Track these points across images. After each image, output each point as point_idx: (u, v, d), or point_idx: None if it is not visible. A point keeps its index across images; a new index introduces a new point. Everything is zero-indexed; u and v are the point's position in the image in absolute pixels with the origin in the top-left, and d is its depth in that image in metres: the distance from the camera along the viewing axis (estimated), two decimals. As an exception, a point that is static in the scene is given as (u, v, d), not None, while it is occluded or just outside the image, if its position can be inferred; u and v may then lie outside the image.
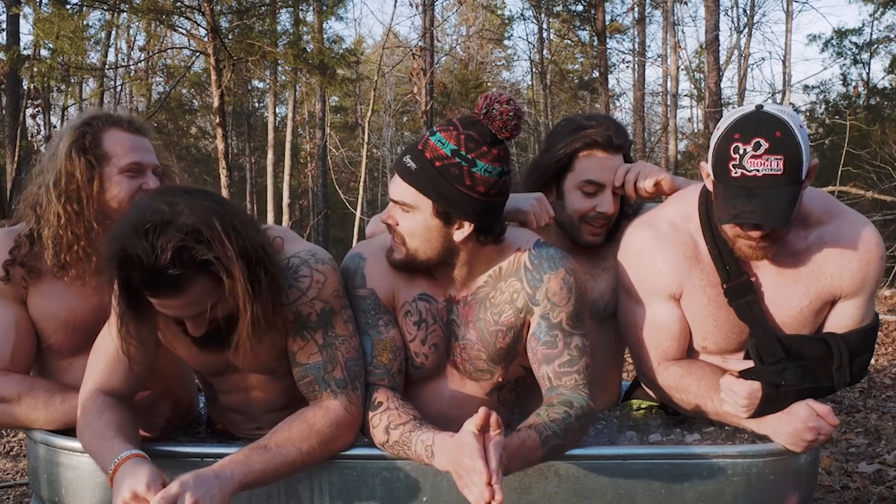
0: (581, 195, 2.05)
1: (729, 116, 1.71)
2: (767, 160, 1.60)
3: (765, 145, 1.61)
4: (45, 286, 1.91)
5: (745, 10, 19.51)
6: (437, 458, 1.56)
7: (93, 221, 1.85)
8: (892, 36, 18.90)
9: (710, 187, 1.75)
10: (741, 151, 1.62)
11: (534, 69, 21.92)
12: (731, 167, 1.63)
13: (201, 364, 1.82)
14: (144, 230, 1.44)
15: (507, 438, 1.49)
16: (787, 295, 1.83)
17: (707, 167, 1.73)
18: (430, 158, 1.66)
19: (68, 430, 1.79)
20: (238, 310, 1.54)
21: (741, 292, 1.81)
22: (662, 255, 1.86)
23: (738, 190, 1.63)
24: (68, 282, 1.89)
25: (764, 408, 1.72)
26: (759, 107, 1.67)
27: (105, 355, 1.72)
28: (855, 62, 19.84)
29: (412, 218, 1.71)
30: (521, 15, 21.71)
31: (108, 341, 1.72)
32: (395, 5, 22.03)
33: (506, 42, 25.69)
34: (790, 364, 1.75)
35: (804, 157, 1.63)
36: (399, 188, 1.70)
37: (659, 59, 20.99)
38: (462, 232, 1.71)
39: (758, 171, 1.61)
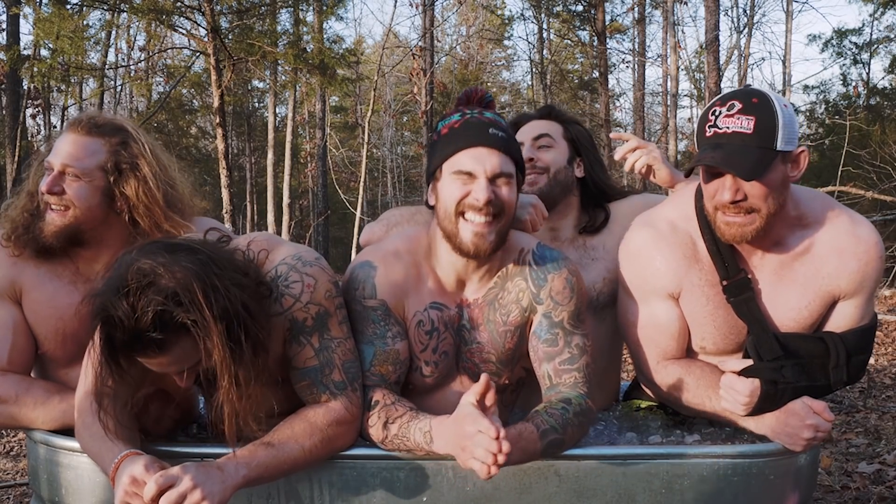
0: None
1: None
2: (738, 119, 1.66)
3: (738, 106, 1.67)
4: (37, 293, 1.92)
5: (745, 10, 19.49)
6: (437, 441, 1.56)
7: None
8: (892, 36, 18.89)
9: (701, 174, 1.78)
10: (717, 113, 1.69)
11: (534, 69, 21.91)
12: (707, 128, 1.70)
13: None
14: (125, 291, 1.43)
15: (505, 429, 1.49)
16: (785, 295, 1.83)
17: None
18: (506, 127, 1.78)
19: (67, 430, 1.79)
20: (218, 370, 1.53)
21: (739, 289, 1.82)
22: (661, 255, 1.87)
23: (707, 146, 1.68)
24: (59, 270, 1.93)
25: (762, 405, 1.72)
26: (748, 85, 1.71)
27: None
28: (855, 62, 19.82)
29: (514, 187, 1.74)
30: (521, 15, 21.69)
31: None
32: (395, 5, 21.92)
33: (506, 42, 25.70)
34: (788, 361, 1.75)
35: (779, 126, 1.66)
36: (501, 159, 1.70)
37: (659, 59, 20.99)
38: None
39: (728, 127, 1.67)
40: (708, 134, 1.69)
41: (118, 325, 1.44)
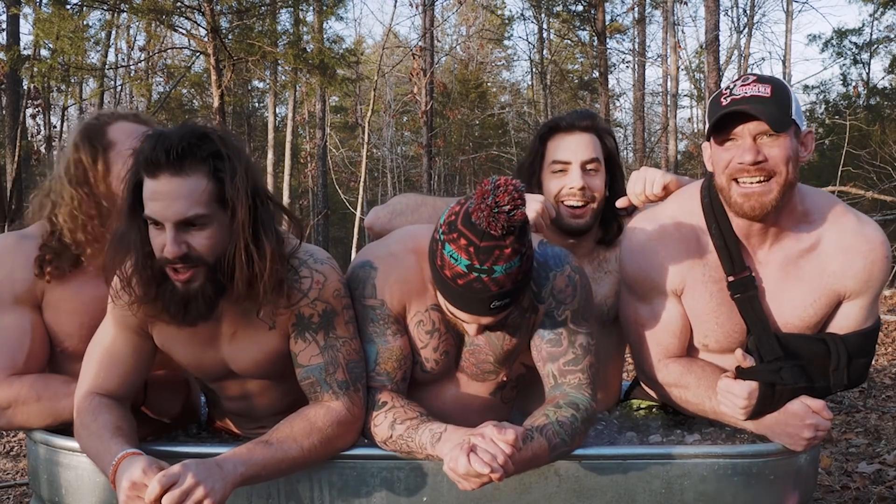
0: (552, 177, 2.14)
1: None
2: (755, 86, 1.70)
3: (753, 78, 1.72)
4: (61, 289, 1.91)
5: (745, 10, 19.47)
6: (443, 443, 1.56)
7: (102, 201, 1.93)
8: (892, 36, 18.91)
9: (706, 162, 1.80)
10: (731, 85, 1.73)
11: (534, 69, 21.90)
12: (722, 100, 1.72)
13: (201, 370, 1.81)
14: (160, 129, 1.58)
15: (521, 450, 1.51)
16: (790, 293, 1.83)
17: (707, 147, 1.79)
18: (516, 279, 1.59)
19: (66, 428, 1.78)
20: (235, 235, 1.56)
21: (744, 286, 1.81)
22: (665, 251, 1.86)
23: (726, 111, 1.70)
24: (86, 263, 1.92)
25: (760, 408, 1.72)
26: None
27: (99, 356, 1.72)
28: (855, 62, 19.83)
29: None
30: (521, 15, 21.69)
31: (102, 342, 1.73)
32: (395, 5, 22.05)
33: (506, 42, 25.69)
34: (787, 363, 1.75)
35: (793, 103, 1.71)
36: (497, 318, 1.64)
37: (659, 59, 20.99)
38: None
39: (745, 92, 1.70)
40: (724, 103, 1.70)
41: (153, 142, 1.52)
